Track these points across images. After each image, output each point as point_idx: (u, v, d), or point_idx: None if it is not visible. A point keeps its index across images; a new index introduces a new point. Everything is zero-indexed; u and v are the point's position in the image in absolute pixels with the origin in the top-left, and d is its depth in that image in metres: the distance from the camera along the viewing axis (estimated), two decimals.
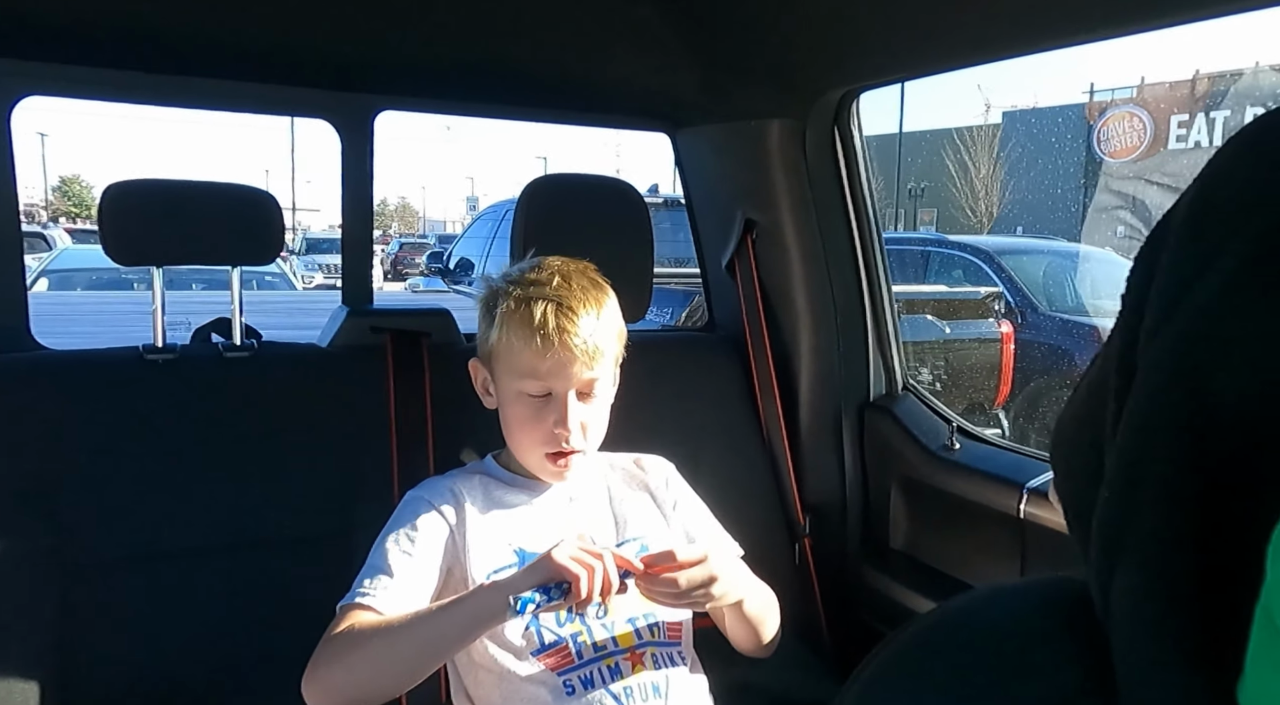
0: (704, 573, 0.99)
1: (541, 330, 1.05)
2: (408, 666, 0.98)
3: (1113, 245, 8.31)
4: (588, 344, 1.06)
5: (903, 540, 1.66)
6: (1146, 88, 22.35)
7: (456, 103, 1.67)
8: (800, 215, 1.66)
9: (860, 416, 1.71)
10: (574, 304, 1.07)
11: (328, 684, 0.99)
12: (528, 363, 1.07)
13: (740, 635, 1.18)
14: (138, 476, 1.27)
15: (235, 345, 1.45)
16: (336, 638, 1.01)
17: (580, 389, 1.09)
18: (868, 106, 1.62)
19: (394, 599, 1.03)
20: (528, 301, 1.07)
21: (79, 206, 40.22)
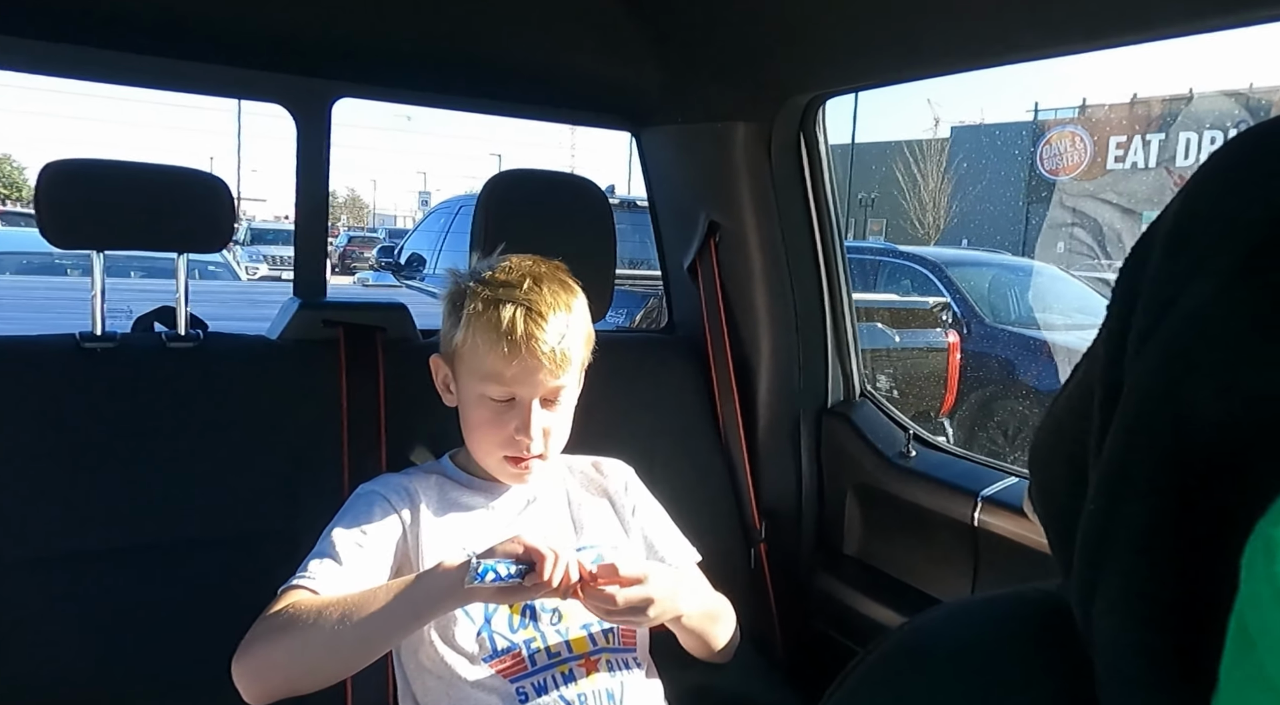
0: (640, 594, 0.97)
1: (509, 336, 1.02)
2: (350, 650, 0.93)
3: (1055, 260, 8.55)
4: (555, 352, 1.04)
5: (857, 547, 1.67)
6: (1089, 109, 23.11)
7: (417, 92, 1.63)
8: (763, 219, 1.66)
9: (818, 422, 1.71)
10: (544, 309, 1.04)
11: (261, 664, 0.94)
12: (493, 367, 1.04)
13: (691, 644, 1.18)
14: (69, 471, 1.21)
15: (180, 335, 1.39)
16: (273, 616, 0.95)
17: (545, 396, 1.07)
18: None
19: (339, 584, 0.99)
20: (496, 304, 1.04)
21: (9, 188, 38.63)
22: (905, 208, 24.86)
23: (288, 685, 0.95)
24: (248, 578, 1.26)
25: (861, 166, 23.79)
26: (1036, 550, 1.29)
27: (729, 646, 1.22)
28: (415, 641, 1.06)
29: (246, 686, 0.95)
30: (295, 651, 0.93)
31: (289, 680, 0.94)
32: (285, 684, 0.95)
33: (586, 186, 1.57)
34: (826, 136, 1.64)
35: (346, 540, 1.04)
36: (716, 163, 1.66)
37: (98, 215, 1.29)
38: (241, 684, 0.95)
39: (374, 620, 0.92)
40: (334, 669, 0.96)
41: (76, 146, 46.81)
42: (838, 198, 1.72)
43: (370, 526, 1.06)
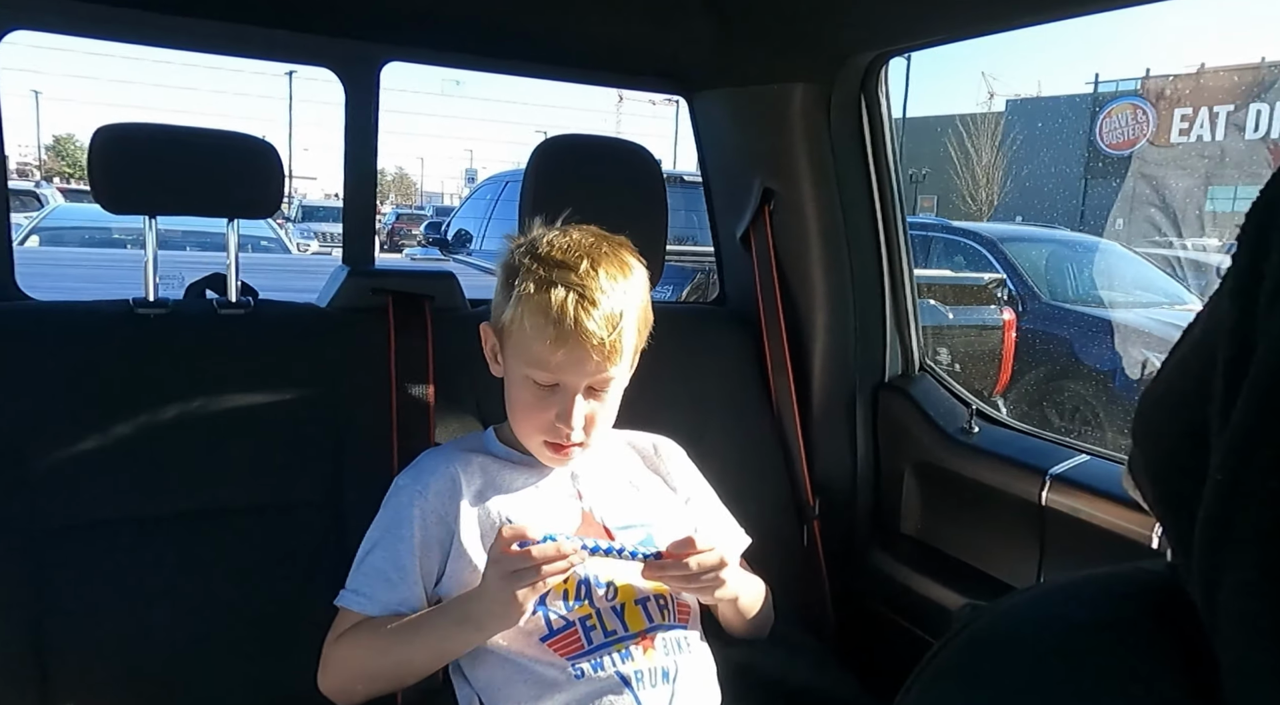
0: (715, 558, 0.99)
1: (558, 323, 0.97)
2: (416, 671, 1.03)
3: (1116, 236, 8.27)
4: (605, 343, 0.99)
5: (914, 525, 1.61)
6: (1152, 80, 22.27)
7: (465, 55, 1.60)
8: (821, 185, 1.60)
9: (875, 397, 1.66)
10: (597, 297, 0.98)
11: (342, 686, 1.05)
12: (539, 353, 1.00)
13: (732, 620, 1.16)
14: (122, 435, 1.21)
15: (230, 302, 1.39)
16: (341, 645, 1.04)
17: (592, 385, 1.04)
18: None
19: (395, 601, 1.03)
20: (549, 286, 0.99)
21: (72, 166, 39.79)
22: (957, 183, 24.30)
23: (368, 697, 1.06)
24: (295, 543, 1.26)
25: (912, 141, 23.30)
26: (1110, 531, 1.23)
27: (767, 625, 1.22)
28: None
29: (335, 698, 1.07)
30: (366, 678, 1.04)
31: (369, 695, 1.06)
32: (365, 697, 1.06)
33: (637, 151, 1.53)
34: (889, 98, 1.57)
35: (389, 549, 1.05)
36: (772, 127, 1.60)
37: (148, 180, 1.29)
38: (329, 696, 1.07)
39: (435, 651, 1.01)
40: (409, 680, 1.05)
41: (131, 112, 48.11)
42: (900, 164, 1.65)
43: (411, 528, 1.05)
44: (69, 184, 25.34)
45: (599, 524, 1.09)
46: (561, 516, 1.08)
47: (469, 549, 1.04)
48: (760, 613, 1.18)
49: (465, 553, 1.04)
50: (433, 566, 1.06)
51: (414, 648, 1.00)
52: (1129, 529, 1.20)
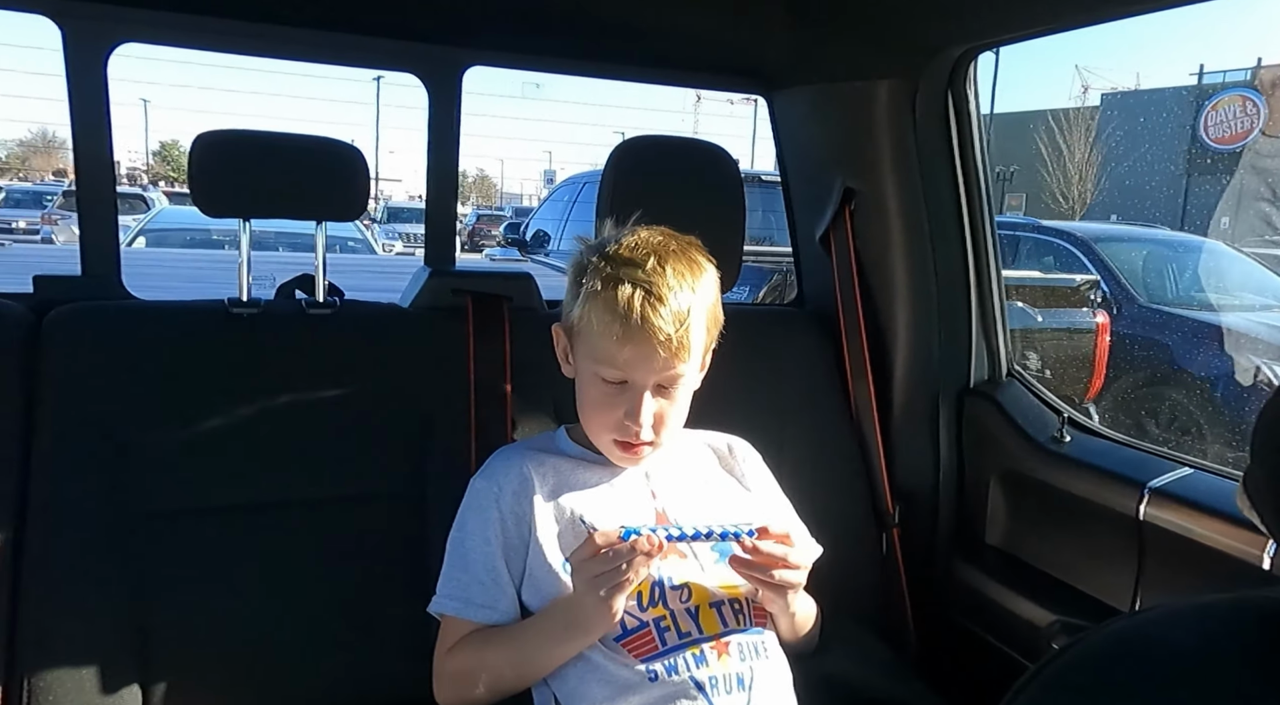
0: (800, 556, 1.00)
1: (625, 319, 0.98)
2: (536, 676, 1.04)
3: (1220, 235, 7.81)
4: (673, 340, 0.98)
5: (1000, 536, 1.55)
6: (1265, 70, 21.02)
7: (545, 58, 1.61)
8: (904, 184, 1.56)
9: (959, 402, 1.60)
10: (664, 293, 0.98)
11: (461, 698, 1.07)
12: (606, 350, 1.00)
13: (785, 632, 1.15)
14: (215, 428, 1.26)
15: (318, 302, 1.43)
16: (458, 658, 1.06)
17: (660, 382, 1.03)
18: None
19: (494, 606, 1.05)
20: (615, 283, 0.99)
21: (176, 170, 41.93)
22: (1047, 181, 23.43)
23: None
24: (378, 535, 1.29)
25: (999, 138, 22.55)
26: (1214, 550, 1.16)
27: (810, 647, 1.20)
28: None
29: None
30: (488, 690, 1.04)
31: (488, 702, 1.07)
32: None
33: (717, 153, 1.52)
34: (978, 94, 1.52)
35: (474, 551, 1.07)
36: (854, 125, 1.57)
37: (243, 185, 1.34)
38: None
39: (542, 661, 1.03)
40: (522, 689, 1.06)
41: (229, 118, 50.43)
42: (988, 161, 1.59)
43: (490, 528, 1.07)
44: (173, 187, 26.70)
45: (672, 524, 1.09)
46: (635, 516, 1.08)
47: (546, 548, 1.05)
48: (809, 634, 1.17)
49: (543, 551, 1.05)
50: (517, 567, 1.07)
51: (535, 656, 1.02)
52: (1235, 548, 1.13)
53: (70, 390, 1.21)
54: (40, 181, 27.27)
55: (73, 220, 1.68)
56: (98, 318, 1.28)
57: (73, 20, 1.32)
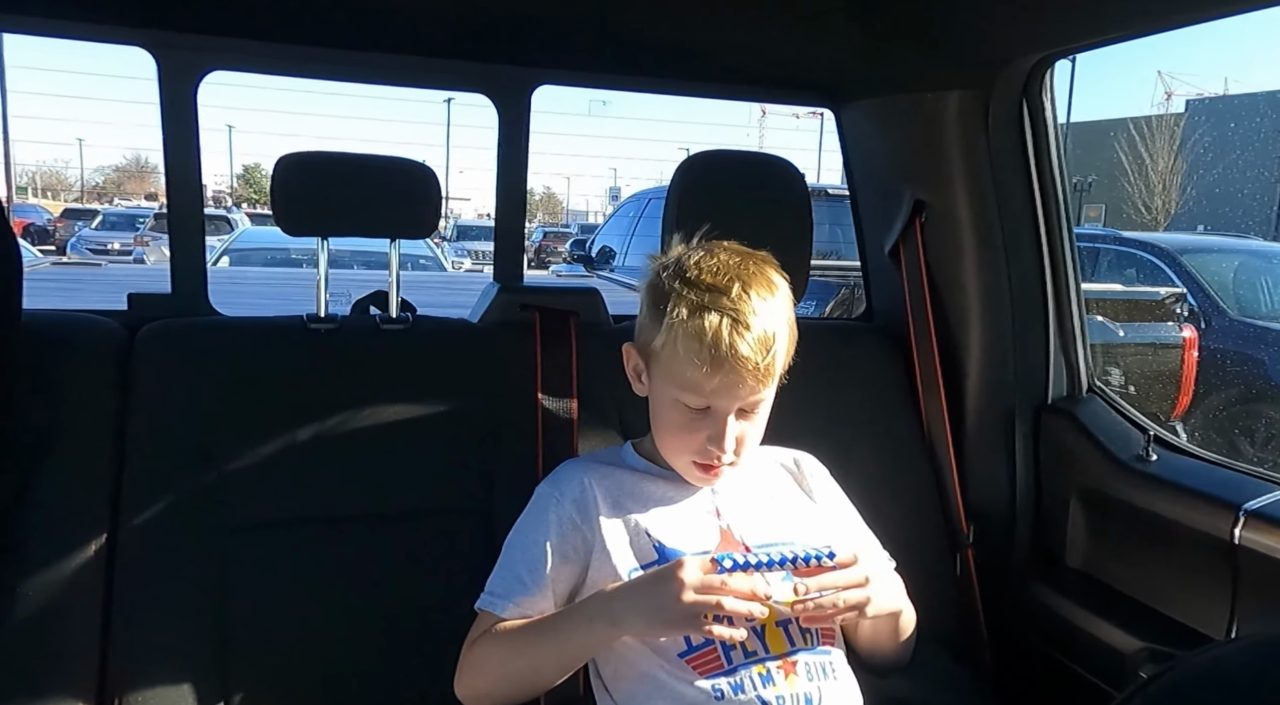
0: (858, 573, 0.97)
1: (713, 349, 0.97)
2: (545, 674, 1.04)
3: None
4: (760, 367, 0.98)
5: (1081, 558, 1.49)
6: None
7: (612, 76, 1.64)
8: (977, 196, 1.52)
9: (1036, 419, 1.55)
10: (751, 321, 0.98)
11: (476, 690, 1.06)
12: (692, 378, 1.00)
13: (872, 645, 1.13)
14: (294, 441, 1.30)
15: (391, 317, 1.47)
16: (475, 648, 1.06)
17: (743, 406, 1.03)
18: None
19: (528, 605, 1.05)
20: (701, 311, 0.99)
21: (258, 192, 43.68)
22: (1128, 191, 22.60)
23: (505, 700, 1.06)
24: (447, 548, 1.31)
25: (1076, 147, 21.87)
26: None
27: (907, 655, 1.17)
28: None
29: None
30: (500, 680, 1.05)
31: (505, 698, 1.06)
32: (502, 700, 1.06)
33: (781, 165, 1.51)
34: (1054, 103, 1.48)
35: (528, 552, 1.07)
36: (925, 137, 1.54)
37: (322, 205, 1.39)
38: (465, 702, 1.08)
39: (560, 655, 1.02)
40: (543, 686, 1.06)
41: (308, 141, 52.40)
42: (1066, 172, 1.55)
43: (549, 533, 1.07)
44: (255, 209, 27.80)
45: (738, 542, 1.08)
46: (699, 533, 1.08)
47: (614, 556, 1.05)
48: (908, 640, 1.14)
49: (611, 562, 1.05)
50: (569, 573, 1.07)
51: (543, 646, 1.01)
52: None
53: (160, 403, 1.26)
54: (134, 205, 28.75)
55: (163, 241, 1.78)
56: (185, 334, 1.34)
57: (167, 51, 1.39)
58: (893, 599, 1.09)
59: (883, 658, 1.15)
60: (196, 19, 1.36)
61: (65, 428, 1.19)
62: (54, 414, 1.19)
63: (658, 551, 1.05)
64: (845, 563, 0.98)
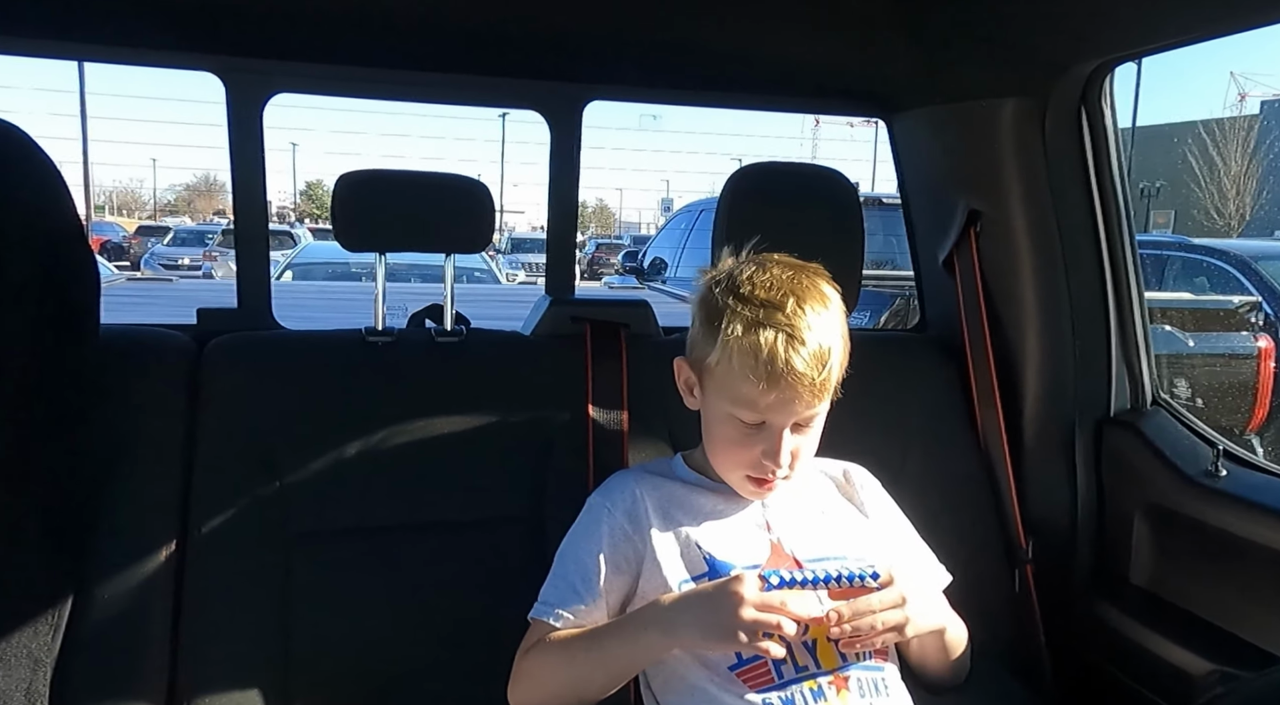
0: (893, 594, 0.96)
1: (769, 367, 0.97)
2: (596, 684, 1.03)
3: None
4: (816, 382, 0.98)
5: (1146, 575, 1.45)
6: None
7: (663, 91, 1.65)
8: (1033, 205, 1.50)
9: (1098, 432, 1.52)
10: (806, 337, 0.98)
11: (528, 699, 1.07)
12: (747, 394, 1.00)
13: (928, 665, 1.11)
14: (352, 451, 1.33)
15: (446, 330, 1.50)
16: (528, 657, 1.06)
17: (799, 421, 1.03)
18: None
19: (582, 614, 1.05)
20: (757, 328, 0.99)
21: (320, 208, 44.91)
22: (1198, 196, 21.84)
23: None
24: (500, 558, 1.33)
25: (1141, 152, 21.20)
26: None
27: (962, 674, 1.14)
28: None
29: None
30: (551, 690, 1.05)
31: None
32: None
33: (832, 176, 1.51)
34: (1114, 108, 1.44)
35: (579, 563, 1.08)
36: (979, 145, 1.52)
37: (379, 220, 1.43)
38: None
39: (611, 667, 1.02)
40: (593, 696, 1.05)
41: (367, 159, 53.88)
42: (1126, 178, 1.51)
43: (600, 545, 1.08)
44: (317, 224, 28.57)
45: (789, 555, 1.07)
46: (749, 546, 1.07)
47: (664, 567, 1.05)
48: (960, 658, 1.12)
49: (661, 573, 1.05)
50: (621, 584, 1.07)
51: (594, 656, 1.02)
52: None
53: (226, 414, 1.31)
54: (203, 221, 29.79)
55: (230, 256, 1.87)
56: (250, 347, 1.38)
57: (235, 75, 1.45)
58: (934, 617, 1.06)
59: (934, 675, 1.13)
60: (263, 45, 1.42)
61: (138, 437, 1.24)
62: (128, 424, 1.24)
63: (708, 563, 1.05)
64: (886, 583, 0.97)
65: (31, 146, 1.17)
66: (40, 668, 1.10)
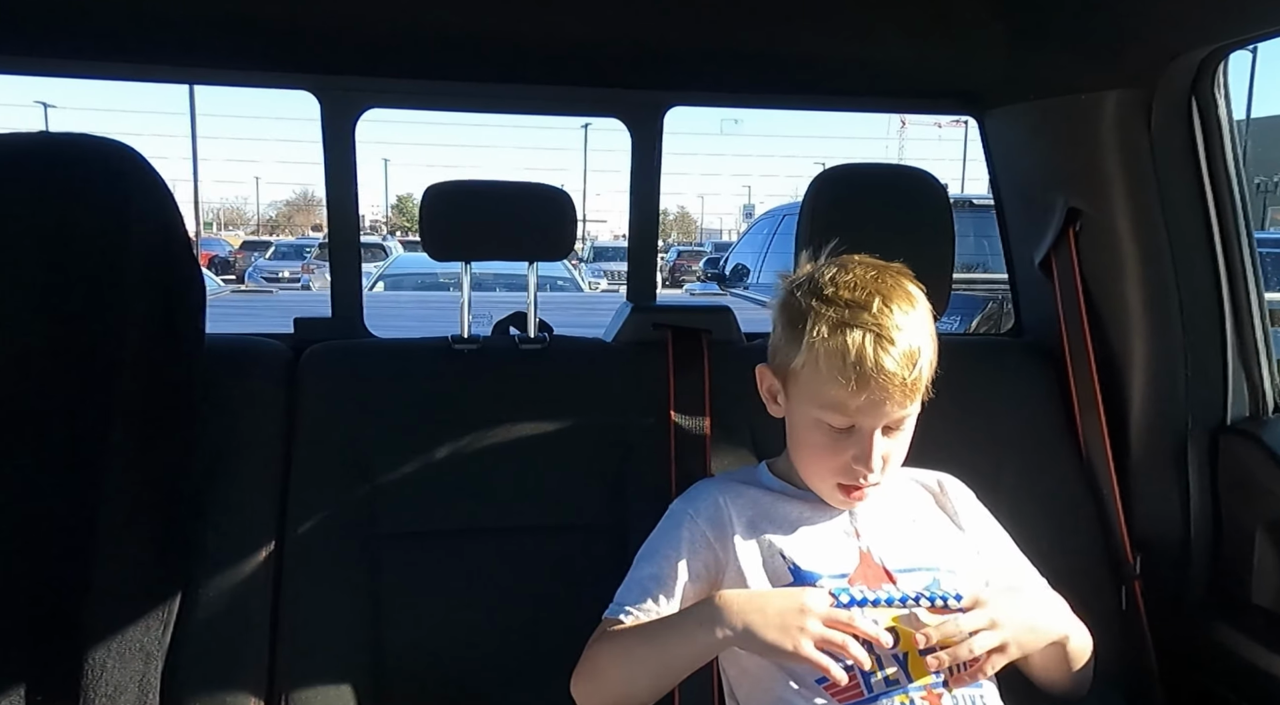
0: (982, 617, 0.92)
1: (858, 367, 0.95)
2: (651, 678, 1.02)
3: None
4: (906, 382, 0.96)
5: (1271, 596, 1.35)
6: None
7: (744, 94, 1.64)
8: (1139, 202, 1.42)
9: (1213, 442, 1.42)
10: (895, 336, 0.96)
11: (585, 691, 1.06)
12: (835, 397, 0.98)
13: (1041, 671, 1.07)
14: (439, 455, 1.36)
15: (530, 338, 1.52)
16: (590, 649, 1.06)
17: (889, 424, 1.00)
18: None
19: (637, 609, 1.05)
20: (843, 329, 0.97)
21: (410, 221, 46.36)
22: None
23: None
24: (581, 564, 1.34)
25: (1258, 145, 19.96)
26: None
27: (1085, 679, 1.09)
28: (744, 659, 1.03)
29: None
30: (615, 686, 1.03)
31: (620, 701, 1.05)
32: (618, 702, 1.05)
33: (920, 177, 1.47)
34: (1228, 98, 1.36)
35: (657, 568, 1.07)
36: (1079, 141, 1.45)
37: (465, 230, 1.46)
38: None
39: (668, 664, 1.00)
40: (642, 692, 1.03)
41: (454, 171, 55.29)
42: (1242, 172, 1.42)
43: (679, 551, 1.07)
44: (407, 236, 29.49)
45: (878, 565, 1.05)
46: (837, 554, 1.05)
47: (749, 576, 1.04)
48: (1084, 668, 1.07)
49: (745, 582, 1.04)
50: (696, 591, 1.05)
51: (646, 648, 1.00)
52: None
53: (321, 419, 1.35)
54: (302, 236, 31.16)
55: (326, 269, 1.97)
56: (343, 355, 1.43)
57: (328, 92, 1.51)
58: (1046, 632, 1.02)
59: (1060, 687, 1.08)
60: (354, 63, 1.47)
61: (239, 441, 1.30)
62: (229, 428, 1.29)
63: (793, 573, 1.03)
64: (970, 607, 0.93)
65: (146, 167, 1.24)
66: (152, 661, 1.15)
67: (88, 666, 1.13)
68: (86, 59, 1.44)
